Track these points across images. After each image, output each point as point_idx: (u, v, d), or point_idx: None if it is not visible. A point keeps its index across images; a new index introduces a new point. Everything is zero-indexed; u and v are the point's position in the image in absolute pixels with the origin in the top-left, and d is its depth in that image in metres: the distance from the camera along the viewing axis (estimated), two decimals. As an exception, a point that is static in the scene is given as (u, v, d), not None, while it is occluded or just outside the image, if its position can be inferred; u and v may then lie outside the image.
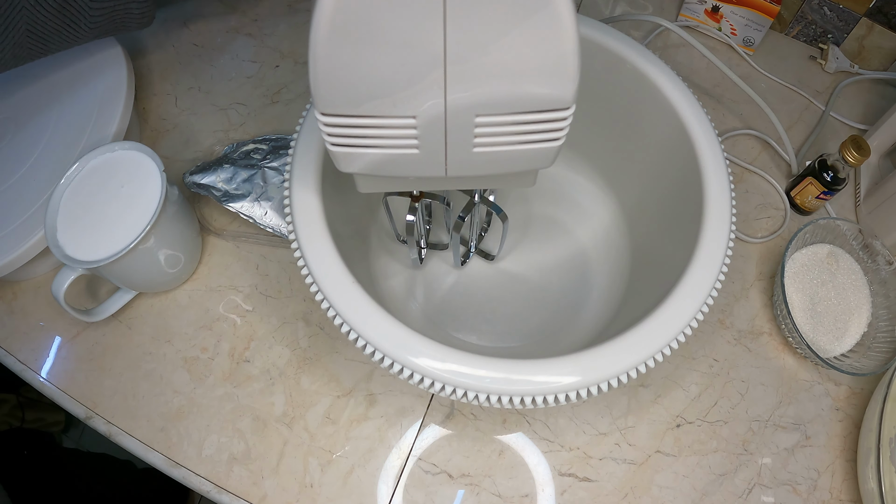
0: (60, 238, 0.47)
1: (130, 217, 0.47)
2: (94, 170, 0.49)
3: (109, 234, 0.46)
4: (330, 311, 0.37)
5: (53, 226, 0.47)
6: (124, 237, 0.46)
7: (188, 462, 0.48)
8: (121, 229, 0.46)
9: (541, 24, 0.26)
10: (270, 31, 0.70)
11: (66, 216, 0.47)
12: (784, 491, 0.48)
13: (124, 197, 0.48)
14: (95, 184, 0.49)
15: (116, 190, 0.48)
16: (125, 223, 0.46)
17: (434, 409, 0.50)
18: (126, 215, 0.47)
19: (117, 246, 0.45)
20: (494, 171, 0.35)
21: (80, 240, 0.46)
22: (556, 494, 0.47)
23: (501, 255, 0.54)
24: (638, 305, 0.43)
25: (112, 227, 0.47)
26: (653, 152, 0.49)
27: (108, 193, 0.48)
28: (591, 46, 0.46)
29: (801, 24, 0.70)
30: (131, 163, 0.49)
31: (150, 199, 0.47)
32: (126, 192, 0.48)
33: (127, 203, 0.47)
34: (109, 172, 0.49)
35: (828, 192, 0.56)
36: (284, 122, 0.63)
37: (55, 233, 0.47)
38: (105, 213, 0.47)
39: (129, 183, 0.48)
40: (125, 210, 0.47)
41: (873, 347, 0.52)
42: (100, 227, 0.47)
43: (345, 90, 0.29)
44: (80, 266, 0.45)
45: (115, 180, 0.49)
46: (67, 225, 0.47)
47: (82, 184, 0.49)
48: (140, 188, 0.48)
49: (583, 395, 0.35)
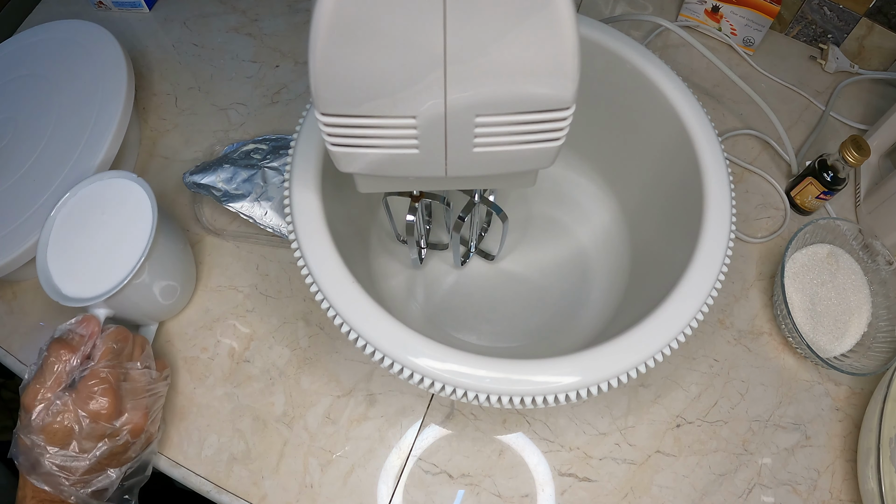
0: (53, 274, 0.45)
1: (123, 249, 0.45)
2: (84, 200, 0.48)
3: (103, 268, 0.45)
4: (330, 311, 0.37)
5: (45, 260, 0.45)
6: (118, 272, 0.44)
7: (188, 462, 0.48)
8: (114, 263, 0.45)
9: (541, 24, 0.26)
10: (270, 31, 0.70)
11: (58, 250, 0.46)
12: (784, 491, 0.48)
13: (116, 228, 0.46)
14: (85, 215, 0.47)
15: (107, 221, 0.46)
16: (118, 256, 0.45)
17: (434, 409, 0.50)
18: (119, 248, 0.45)
19: (110, 282, 0.44)
20: (494, 171, 0.35)
21: (72, 275, 0.45)
22: (556, 494, 0.47)
23: (501, 255, 0.54)
24: (638, 305, 0.43)
25: (105, 260, 0.45)
26: (653, 152, 0.49)
27: (98, 225, 0.46)
28: (591, 46, 0.46)
29: (801, 24, 0.70)
30: (122, 192, 0.47)
31: (143, 229, 0.45)
32: (117, 222, 0.46)
33: (119, 234, 0.46)
34: (99, 203, 0.47)
35: (828, 192, 0.56)
36: (284, 122, 0.63)
37: (47, 267, 0.45)
38: (97, 246, 0.46)
39: (120, 213, 0.47)
40: (117, 242, 0.45)
41: (873, 347, 0.52)
42: (92, 261, 0.45)
43: (345, 90, 0.29)
44: (73, 303, 0.44)
45: (105, 211, 0.47)
46: (59, 259, 0.45)
47: (72, 216, 0.47)
48: (131, 218, 0.46)
49: (583, 395, 0.35)
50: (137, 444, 0.41)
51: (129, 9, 0.71)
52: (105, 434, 0.39)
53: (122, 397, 0.40)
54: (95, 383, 0.39)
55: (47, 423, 0.38)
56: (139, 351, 0.43)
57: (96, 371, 0.39)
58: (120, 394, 0.40)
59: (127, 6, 0.71)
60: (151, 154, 0.62)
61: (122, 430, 0.40)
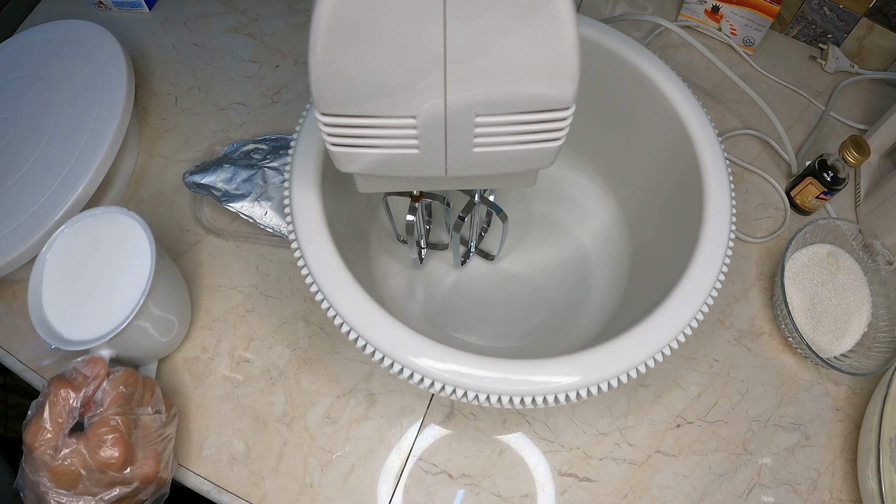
0: (50, 316, 0.43)
1: (122, 287, 0.43)
2: (76, 237, 0.46)
3: (102, 307, 0.43)
4: (330, 311, 0.37)
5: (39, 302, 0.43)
6: (119, 310, 0.42)
7: (188, 462, 0.48)
8: (114, 301, 0.43)
9: (541, 24, 0.26)
10: (270, 31, 0.70)
11: (53, 291, 0.44)
12: (784, 491, 0.48)
13: (112, 265, 0.44)
14: (79, 253, 0.45)
15: (103, 258, 0.45)
16: (117, 294, 0.43)
17: (434, 409, 0.50)
18: (117, 285, 0.44)
19: (112, 321, 0.42)
20: (494, 171, 0.35)
21: (71, 316, 0.43)
22: (556, 494, 0.47)
23: (501, 255, 0.54)
24: (638, 305, 0.43)
25: (104, 299, 0.43)
26: (653, 152, 0.49)
27: (94, 262, 0.45)
28: (591, 46, 0.46)
29: (801, 24, 0.70)
30: (115, 227, 0.46)
31: (141, 265, 0.44)
32: (113, 259, 0.45)
33: (116, 271, 0.44)
34: (93, 239, 0.46)
35: (828, 192, 0.56)
36: (284, 122, 0.63)
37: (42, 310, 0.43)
38: (94, 284, 0.44)
39: (116, 249, 0.45)
40: (115, 279, 0.44)
41: (873, 347, 0.52)
42: (90, 300, 0.43)
43: (345, 90, 0.29)
44: (74, 347, 0.42)
45: (99, 247, 0.45)
46: (55, 301, 0.44)
47: (65, 254, 0.45)
48: (127, 254, 0.45)
49: (583, 395, 0.35)
50: (149, 489, 0.40)
51: (129, 9, 0.71)
52: (115, 482, 0.38)
53: (132, 445, 0.39)
54: (106, 431, 0.37)
55: (54, 465, 0.37)
56: (149, 395, 0.41)
57: (106, 419, 0.38)
58: (131, 442, 0.38)
59: (127, 6, 0.71)
60: (151, 154, 0.62)
61: (133, 478, 0.39)
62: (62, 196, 0.51)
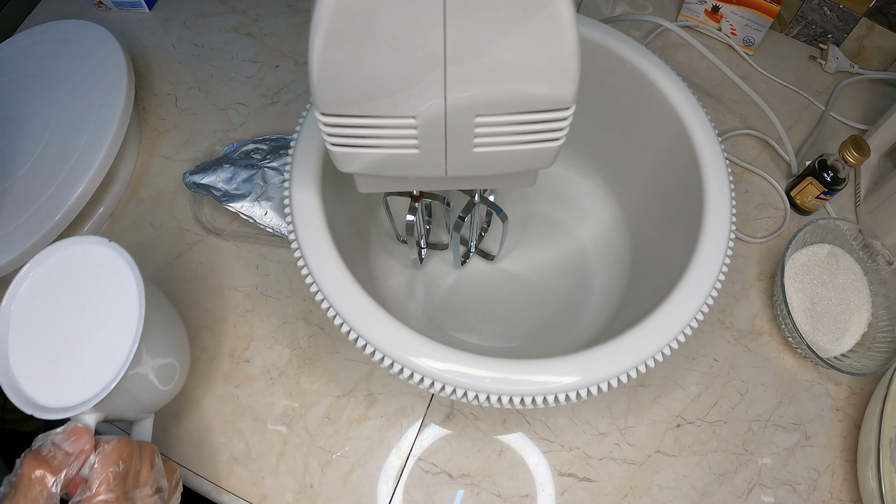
0: (21, 379, 0.35)
1: (108, 334, 0.36)
2: (47, 278, 0.37)
3: (85, 361, 0.35)
4: (330, 311, 0.37)
5: (6, 362, 0.35)
6: (107, 364, 0.35)
7: (188, 462, 0.48)
8: (99, 353, 0.35)
9: (541, 24, 0.26)
10: (270, 31, 0.70)
11: (23, 347, 0.35)
12: (784, 491, 0.48)
13: (92, 308, 0.36)
14: (51, 296, 0.37)
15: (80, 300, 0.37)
16: (103, 344, 0.35)
17: (434, 409, 0.50)
18: (101, 332, 0.36)
19: (100, 379, 0.35)
20: (494, 171, 0.35)
21: (46, 376, 0.35)
22: (556, 494, 0.47)
23: (501, 255, 0.54)
24: (638, 305, 0.43)
25: (86, 351, 0.35)
26: (653, 152, 0.49)
27: (70, 306, 0.37)
28: (591, 46, 0.46)
29: (801, 24, 0.70)
30: (92, 261, 0.38)
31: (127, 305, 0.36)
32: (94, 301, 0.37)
33: (97, 315, 0.36)
34: (67, 278, 0.37)
35: (828, 192, 0.56)
36: (284, 122, 0.63)
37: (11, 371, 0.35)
38: (72, 333, 0.36)
39: (95, 288, 0.37)
40: (97, 326, 0.36)
41: (873, 347, 0.52)
42: (70, 354, 0.35)
43: (345, 90, 0.29)
44: (54, 415, 0.34)
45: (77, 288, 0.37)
46: (27, 358, 0.35)
47: (35, 298, 0.37)
48: (110, 293, 0.37)
49: (583, 395, 0.35)
50: None
51: (129, 9, 0.71)
52: None
53: None
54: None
55: None
56: (147, 468, 0.35)
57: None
58: None
59: (127, 6, 0.71)
60: (151, 154, 0.62)
61: None
62: (62, 196, 0.51)
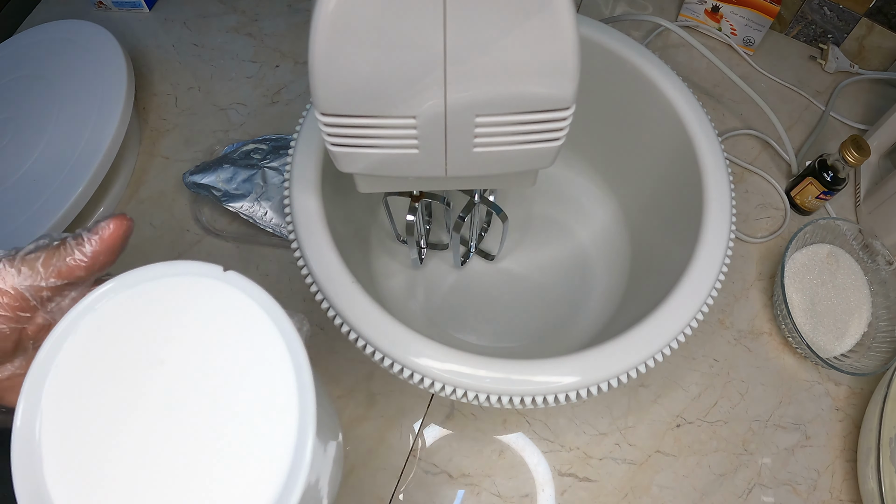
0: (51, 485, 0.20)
1: (231, 437, 0.21)
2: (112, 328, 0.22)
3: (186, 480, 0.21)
4: (330, 311, 0.37)
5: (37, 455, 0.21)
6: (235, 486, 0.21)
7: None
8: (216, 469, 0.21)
9: (541, 24, 0.26)
10: (270, 31, 0.70)
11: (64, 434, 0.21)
12: (784, 491, 0.48)
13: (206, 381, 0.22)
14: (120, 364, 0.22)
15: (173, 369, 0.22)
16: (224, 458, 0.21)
17: (434, 409, 0.50)
18: (221, 435, 0.21)
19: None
20: (494, 171, 0.35)
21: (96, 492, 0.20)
22: (556, 494, 0.47)
23: (501, 255, 0.54)
24: (638, 305, 0.43)
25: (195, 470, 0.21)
26: (653, 152, 0.49)
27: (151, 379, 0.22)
28: (591, 46, 0.46)
29: (801, 24, 0.70)
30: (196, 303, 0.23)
31: (280, 388, 0.22)
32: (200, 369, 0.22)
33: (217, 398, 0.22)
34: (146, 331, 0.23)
35: (828, 192, 0.56)
36: (284, 122, 0.63)
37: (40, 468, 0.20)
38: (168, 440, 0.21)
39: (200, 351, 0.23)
40: (217, 425, 0.22)
41: (873, 347, 0.52)
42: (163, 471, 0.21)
43: (345, 90, 0.29)
44: None
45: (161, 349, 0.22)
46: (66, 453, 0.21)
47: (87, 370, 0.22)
48: (238, 372, 0.22)
49: (583, 395, 0.35)
50: None
51: (129, 9, 0.71)
52: None
53: None
54: None
55: None
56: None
57: None
58: None
59: (127, 6, 0.71)
60: (151, 154, 0.62)
61: None
62: (62, 196, 0.51)
